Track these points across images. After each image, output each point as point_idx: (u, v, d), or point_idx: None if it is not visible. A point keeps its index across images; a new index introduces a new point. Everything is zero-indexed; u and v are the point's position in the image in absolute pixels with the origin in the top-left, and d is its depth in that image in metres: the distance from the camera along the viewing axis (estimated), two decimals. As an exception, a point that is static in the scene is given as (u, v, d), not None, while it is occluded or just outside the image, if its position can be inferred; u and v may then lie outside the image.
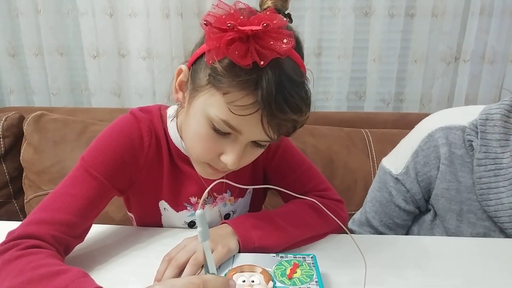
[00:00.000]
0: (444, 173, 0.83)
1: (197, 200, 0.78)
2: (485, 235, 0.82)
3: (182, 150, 0.74)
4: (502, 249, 0.75)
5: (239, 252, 0.66)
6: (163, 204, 0.78)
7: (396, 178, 0.88)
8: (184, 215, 0.80)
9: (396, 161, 0.91)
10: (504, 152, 0.77)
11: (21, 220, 0.64)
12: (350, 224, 0.98)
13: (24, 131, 1.33)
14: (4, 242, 0.60)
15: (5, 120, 1.32)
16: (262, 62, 0.53)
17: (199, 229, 0.46)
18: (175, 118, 0.74)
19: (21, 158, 1.32)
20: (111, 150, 0.69)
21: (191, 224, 0.81)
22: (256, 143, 0.63)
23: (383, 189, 0.92)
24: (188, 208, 0.78)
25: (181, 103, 0.67)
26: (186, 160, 0.74)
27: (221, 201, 0.80)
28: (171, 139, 0.74)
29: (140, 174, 0.73)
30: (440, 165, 0.83)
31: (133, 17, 1.59)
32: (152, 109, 0.76)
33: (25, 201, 1.33)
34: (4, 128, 1.31)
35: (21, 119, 1.36)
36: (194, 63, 0.63)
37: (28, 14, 1.62)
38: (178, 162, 0.75)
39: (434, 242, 0.79)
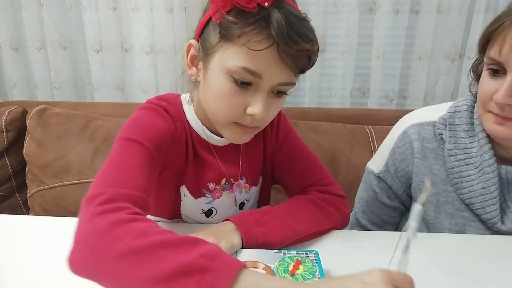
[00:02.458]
0: (418, 167, 0.87)
1: (215, 186, 0.78)
2: (464, 225, 0.84)
3: (202, 135, 0.75)
4: (506, 246, 0.75)
5: (242, 248, 0.66)
6: (184, 190, 0.78)
7: (378, 176, 0.93)
8: (202, 203, 0.79)
9: (377, 160, 0.95)
10: (472, 142, 0.81)
11: (25, 214, 0.64)
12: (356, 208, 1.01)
13: (27, 125, 1.33)
14: (100, 203, 0.52)
15: (8, 114, 1.32)
16: (266, 3, 0.58)
17: (412, 223, 0.47)
18: (192, 103, 0.75)
19: (24, 152, 1.32)
20: (151, 124, 0.68)
21: (208, 214, 0.80)
22: (278, 93, 0.66)
23: (368, 188, 0.96)
24: (207, 195, 0.78)
25: (195, 78, 0.70)
26: (206, 145, 0.76)
27: (237, 187, 0.81)
28: (190, 125, 0.75)
29: (174, 155, 0.72)
30: (414, 159, 0.87)
31: (136, 11, 1.59)
32: (168, 97, 0.76)
33: (28, 195, 1.33)
34: (7, 122, 1.31)
35: (24, 113, 1.36)
36: (202, 33, 0.66)
37: (31, 8, 1.61)
38: (198, 148, 0.75)
39: (439, 238, 0.79)
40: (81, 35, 1.66)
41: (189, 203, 0.79)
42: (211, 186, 0.78)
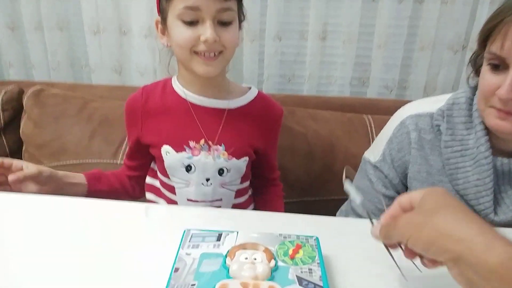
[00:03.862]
0: (415, 157, 0.88)
1: (195, 144, 0.91)
2: None
3: (182, 95, 0.92)
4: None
5: None
6: (165, 148, 0.91)
7: (375, 166, 0.94)
8: (183, 157, 0.91)
9: (374, 150, 0.96)
10: (469, 134, 0.82)
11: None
12: (338, 214, 1.03)
13: (24, 105, 1.31)
14: None
15: (5, 93, 1.31)
16: None
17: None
18: (176, 77, 0.95)
19: (21, 131, 1.31)
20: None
21: (188, 169, 0.92)
22: (224, 23, 0.82)
23: (364, 177, 0.97)
24: (187, 150, 0.91)
25: (167, 44, 0.89)
26: (185, 105, 0.91)
27: (216, 151, 0.92)
28: (177, 93, 0.93)
29: (144, 122, 0.93)
30: (411, 149, 0.88)
31: (135, -6, 1.56)
32: (160, 80, 0.97)
33: (23, 175, 1.32)
34: (3, 101, 1.30)
35: (21, 92, 1.34)
36: (159, 8, 0.88)
37: (28, -14, 1.58)
38: (176, 107, 0.92)
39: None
40: (78, 16, 1.62)
41: (172, 159, 0.92)
42: (192, 144, 0.91)
